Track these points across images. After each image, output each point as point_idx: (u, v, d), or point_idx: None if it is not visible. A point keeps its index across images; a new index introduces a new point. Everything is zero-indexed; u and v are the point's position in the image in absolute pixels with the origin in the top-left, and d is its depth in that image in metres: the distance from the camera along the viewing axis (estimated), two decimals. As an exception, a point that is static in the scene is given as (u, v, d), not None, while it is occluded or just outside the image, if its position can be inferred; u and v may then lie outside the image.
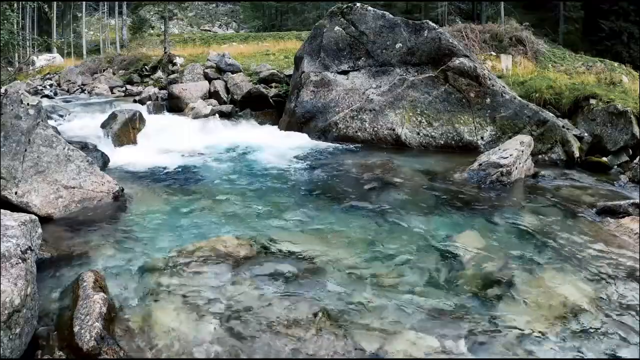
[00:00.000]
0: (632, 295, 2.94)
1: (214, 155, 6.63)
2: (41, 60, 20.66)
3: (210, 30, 38.69)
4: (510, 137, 6.44)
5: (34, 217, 2.72)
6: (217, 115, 9.02)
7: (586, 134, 7.08)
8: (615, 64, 13.37)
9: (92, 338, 2.22)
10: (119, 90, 13.09)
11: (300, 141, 7.57)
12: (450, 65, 7.39)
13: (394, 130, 7.35)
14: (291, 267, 3.18)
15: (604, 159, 6.63)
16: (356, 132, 7.57)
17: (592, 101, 7.43)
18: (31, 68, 19.47)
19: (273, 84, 10.56)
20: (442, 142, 7.14)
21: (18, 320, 2.09)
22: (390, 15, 8.23)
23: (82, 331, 2.25)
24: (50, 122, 6.88)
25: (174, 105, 9.98)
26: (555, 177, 5.72)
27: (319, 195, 4.83)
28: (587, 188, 5.31)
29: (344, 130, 7.63)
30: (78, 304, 2.44)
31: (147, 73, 14.99)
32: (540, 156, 6.52)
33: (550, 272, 3.20)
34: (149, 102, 10.17)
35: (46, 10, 17.34)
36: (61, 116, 8.33)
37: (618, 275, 3.18)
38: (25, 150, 4.21)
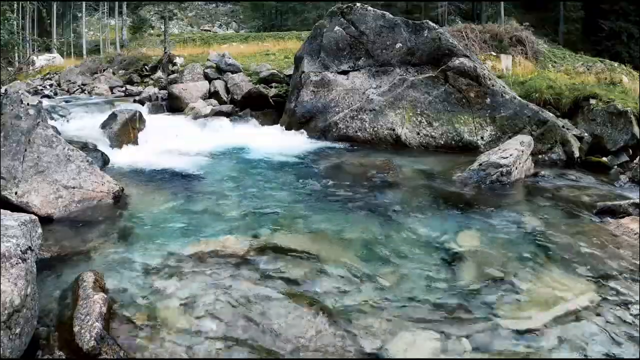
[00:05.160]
0: (632, 295, 2.93)
1: (213, 155, 6.63)
2: (41, 60, 20.65)
3: (210, 30, 38.67)
4: (510, 137, 6.44)
5: (34, 217, 2.71)
6: (217, 115, 9.01)
7: (586, 134, 7.08)
8: (615, 64, 13.38)
9: (92, 338, 2.22)
10: (119, 90, 13.08)
11: (300, 141, 7.57)
12: (450, 65, 7.39)
13: (394, 130, 7.35)
14: (291, 266, 3.18)
15: (604, 159, 6.63)
16: (356, 132, 7.56)
17: (592, 101, 7.43)
18: (31, 68, 19.46)
19: (273, 84, 10.56)
20: (442, 142, 7.14)
21: (18, 320, 2.08)
22: (390, 15, 8.23)
23: (82, 331, 2.25)
24: (50, 122, 6.88)
25: (174, 105, 9.98)
26: (555, 177, 5.72)
27: (319, 195, 4.83)
28: (587, 188, 5.31)
29: (344, 130, 7.63)
30: (78, 304, 2.44)
31: (147, 73, 15.00)
32: (540, 156, 6.52)
33: (550, 272, 3.20)
34: (149, 102, 10.16)
35: (44, 14, 17.38)
36: (61, 116, 8.32)
37: (618, 275, 3.18)
38: (25, 150, 4.21)
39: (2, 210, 2.65)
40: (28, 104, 4.54)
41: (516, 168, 5.35)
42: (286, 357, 2.34)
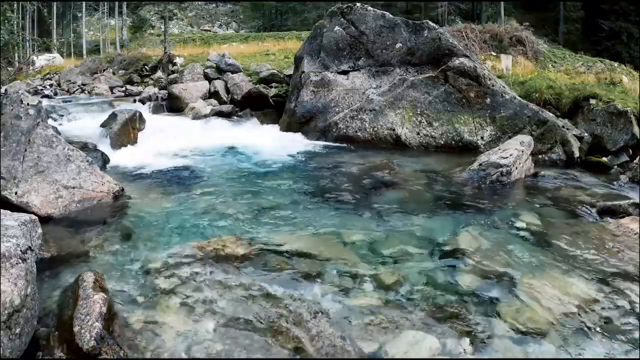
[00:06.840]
0: (632, 295, 2.93)
1: (214, 155, 6.63)
2: (41, 60, 20.63)
3: (210, 30, 38.64)
4: (510, 137, 6.45)
5: (34, 217, 2.71)
6: (217, 115, 9.01)
7: (586, 134, 7.08)
8: (615, 64, 13.38)
9: (92, 338, 2.22)
10: (119, 90, 13.07)
11: (300, 141, 7.57)
12: (450, 65, 7.39)
13: (394, 130, 7.35)
14: (291, 266, 3.18)
15: (604, 159, 6.63)
16: (356, 132, 7.56)
17: (592, 101, 7.43)
18: (31, 68, 19.45)
19: (273, 84, 10.56)
20: (442, 142, 7.14)
21: (18, 320, 2.08)
22: (390, 15, 8.23)
23: (82, 331, 2.25)
24: (50, 122, 6.88)
25: (174, 105, 9.98)
26: (555, 177, 5.72)
27: (319, 195, 4.83)
28: (587, 188, 5.31)
29: (344, 130, 7.63)
30: (78, 304, 2.44)
31: (147, 73, 14.99)
32: (540, 156, 6.52)
33: (550, 272, 3.20)
34: (149, 102, 10.16)
35: (45, 13, 17.39)
36: (61, 116, 8.32)
37: (618, 275, 3.18)
38: (25, 150, 4.21)
39: (2, 210, 2.65)
40: (28, 104, 4.55)
41: (516, 168, 5.35)
42: (286, 357, 2.34)
